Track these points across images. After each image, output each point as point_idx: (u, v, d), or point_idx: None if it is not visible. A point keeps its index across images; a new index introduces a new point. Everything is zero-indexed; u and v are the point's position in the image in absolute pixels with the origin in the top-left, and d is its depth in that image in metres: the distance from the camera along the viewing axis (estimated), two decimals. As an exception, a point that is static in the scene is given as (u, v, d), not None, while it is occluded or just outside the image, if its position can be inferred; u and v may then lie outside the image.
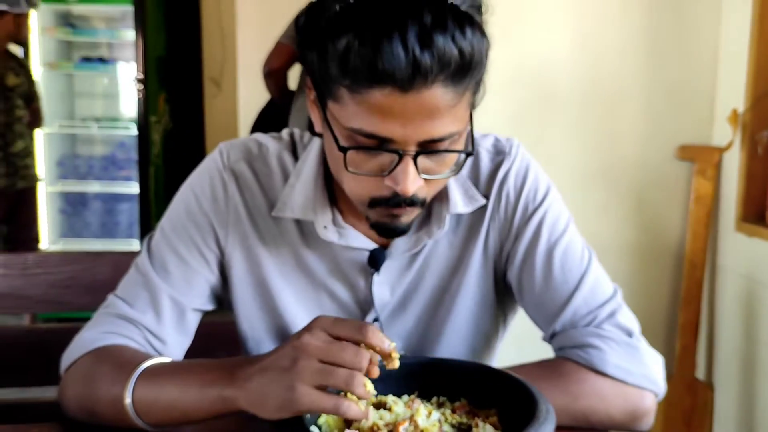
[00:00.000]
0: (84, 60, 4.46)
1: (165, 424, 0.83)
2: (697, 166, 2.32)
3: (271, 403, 0.72)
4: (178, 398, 0.80)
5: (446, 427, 0.78)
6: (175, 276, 0.95)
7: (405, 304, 1.00)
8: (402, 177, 0.79)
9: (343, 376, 0.69)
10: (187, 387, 0.79)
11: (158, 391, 0.81)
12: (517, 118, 2.28)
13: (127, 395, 0.81)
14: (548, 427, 0.71)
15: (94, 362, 0.88)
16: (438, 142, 0.79)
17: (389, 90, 0.74)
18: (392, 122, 0.76)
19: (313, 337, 0.71)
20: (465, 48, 0.74)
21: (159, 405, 0.81)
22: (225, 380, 0.77)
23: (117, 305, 0.94)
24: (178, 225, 0.97)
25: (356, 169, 0.81)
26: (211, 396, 0.77)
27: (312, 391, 0.69)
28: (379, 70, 0.72)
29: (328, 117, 0.81)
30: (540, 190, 0.99)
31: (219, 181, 0.97)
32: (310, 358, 0.70)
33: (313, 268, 0.98)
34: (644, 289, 2.38)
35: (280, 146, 1.00)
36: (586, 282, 0.95)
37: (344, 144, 0.80)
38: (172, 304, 0.94)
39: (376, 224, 0.88)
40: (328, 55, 0.76)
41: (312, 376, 0.70)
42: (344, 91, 0.76)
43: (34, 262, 1.27)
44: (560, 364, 0.92)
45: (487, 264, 1.00)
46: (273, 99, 2.90)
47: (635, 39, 2.32)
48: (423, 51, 0.72)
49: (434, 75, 0.73)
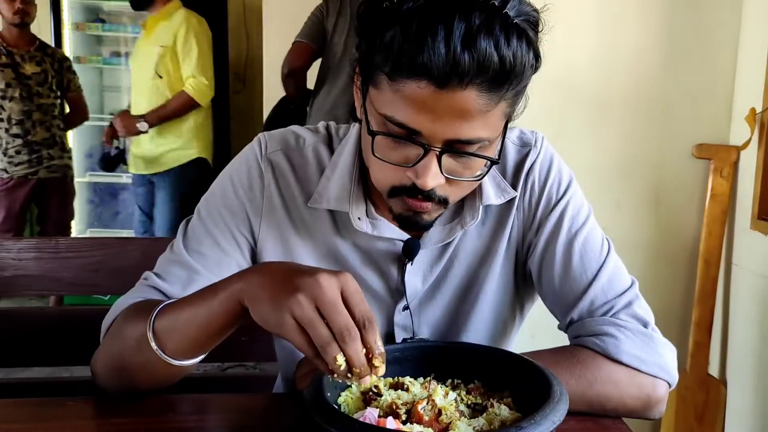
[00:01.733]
0: (113, 55, 4.55)
1: (187, 349, 0.83)
2: (714, 164, 2.32)
3: (261, 308, 0.73)
4: (193, 313, 0.81)
5: (462, 407, 0.80)
6: (208, 257, 0.97)
7: (434, 293, 1.02)
8: (423, 170, 0.80)
9: (324, 336, 0.70)
10: (200, 298, 0.82)
11: (176, 315, 0.83)
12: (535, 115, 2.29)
13: (148, 328, 0.83)
14: (562, 408, 0.71)
15: (123, 318, 0.91)
16: (465, 145, 0.80)
17: (425, 84, 0.75)
18: (423, 116, 0.77)
19: (327, 282, 0.71)
20: (507, 56, 0.74)
21: (177, 327, 0.82)
22: (233, 278, 0.80)
23: (151, 278, 0.97)
24: (214, 210, 0.99)
25: (383, 156, 0.83)
26: (221, 297, 0.79)
27: (294, 325, 0.70)
28: (418, 63, 0.74)
29: (367, 102, 0.84)
30: (563, 182, 1.01)
31: (256, 171, 0.99)
32: (309, 299, 0.70)
33: (346, 257, 1.00)
34: (659, 286, 2.39)
35: (316, 138, 1.02)
36: (605, 272, 0.97)
37: (375, 129, 0.82)
38: (204, 284, 0.94)
39: (398, 216, 0.90)
40: (376, 42, 0.78)
41: (301, 315, 0.70)
42: (384, 78, 0.78)
43: (65, 245, 1.30)
44: (576, 351, 0.93)
45: (510, 253, 1.02)
46: (288, 98, 2.91)
47: (654, 38, 2.32)
48: (464, 51, 0.72)
49: (471, 77, 0.74)
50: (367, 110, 0.84)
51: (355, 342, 0.70)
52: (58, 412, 0.89)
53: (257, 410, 0.93)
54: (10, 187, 3.55)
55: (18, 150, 3.51)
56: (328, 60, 2.75)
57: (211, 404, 0.90)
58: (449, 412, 0.76)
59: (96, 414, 0.90)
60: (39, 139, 3.53)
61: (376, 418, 0.74)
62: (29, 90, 3.50)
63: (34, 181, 3.57)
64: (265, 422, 0.88)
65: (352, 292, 0.72)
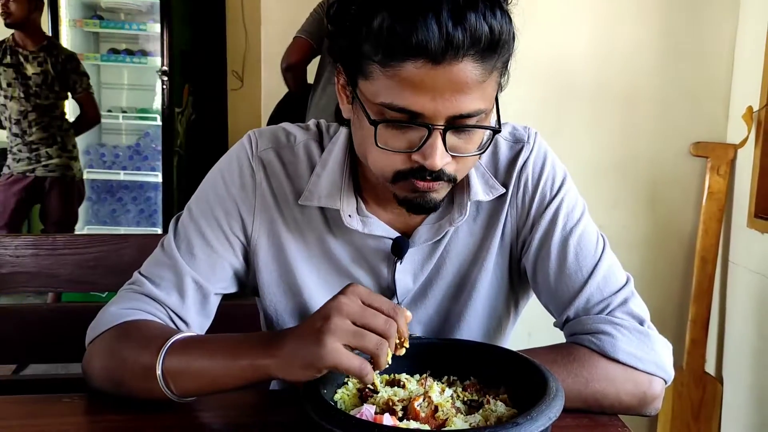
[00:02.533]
0: (111, 52, 4.54)
1: (193, 394, 0.85)
2: (711, 162, 2.33)
3: (299, 362, 0.75)
4: (208, 366, 0.82)
5: (458, 404, 0.80)
6: (200, 259, 0.96)
7: (426, 292, 1.02)
8: (430, 151, 0.81)
9: (374, 340, 0.73)
10: (219, 356, 0.82)
11: (189, 361, 0.83)
12: (532, 112, 2.30)
13: (158, 365, 0.83)
14: (558, 404, 0.72)
15: (121, 335, 0.90)
16: (466, 118, 0.81)
17: (422, 63, 0.76)
18: (423, 96, 0.78)
19: (348, 300, 0.74)
20: (494, 26, 0.77)
21: (189, 373, 0.83)
22: (258, 348, 0.80)
23: (142, 283, 0.95)
24: (206, 209, 0.98)
25: (386, 146, 0.83)
26: (243, 364, 0.80)
27: (341, 347, 0.72)
28: (413, 44, 0.75)
29: (359, 95, 0.83)
30: (557, 179, 1.01)
31: (247, 169, 0.99)
32: (344, 317, 0.73)
33: (337, 255, 0.99)
34: (656, 284, 2.39)
35: (307, 136, 1.02)
36: (600, 270, 0.97)
37: (375, 119, 0.82)
38: (197, 288, 0.95)
39: (404, 201, 0.89)
40: (362, 34, 0.79)
41: (343, 335, 0.73)
42: (376, 68, 0.79)
43: (62, 242, 1.30)
44: (573, 349, 0.93)
45: (504, 250, 1.02)
46: (290, 92, 2.93)
47: (652, 36, 2.32)
48: (456, 27, 0.75)
49: (465, 50, 0.76)
50: (362, 104, 0.83)
51: (394, 332, 0.75)
52: (53, 409, 0.89)
53: (254, 407, 0.92)
54: (8, 183, 3.58)
55: (19, 148, 3.56)
56: (325, 57, 2.76)
57: (207, 401, 0.89)
58: (446, 409, 0.76)
59: (92, 411, 0.90)
60: (36, 139, 3.55)
61: (373, 415, 0.74)
62: (28, 90, 3.51)
63: (32, 179, 3.59)
64: (262, 419, 0.88)
65: (367, 296, 0.76)
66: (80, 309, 1.33)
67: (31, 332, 1.30)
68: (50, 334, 1.32)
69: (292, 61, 2.77)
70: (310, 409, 0.71)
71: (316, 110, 2.71)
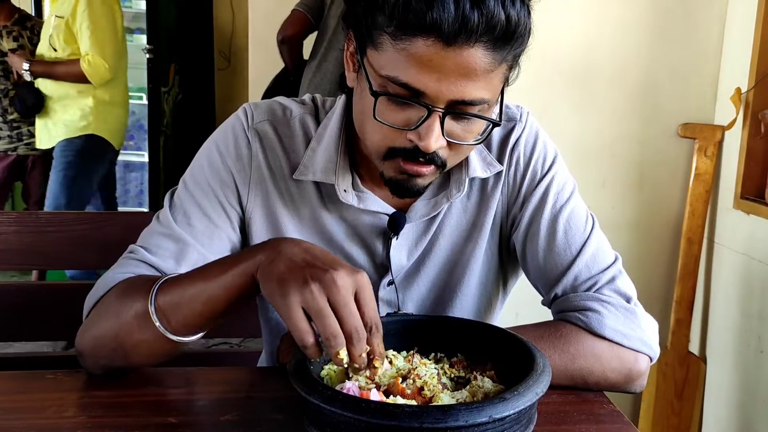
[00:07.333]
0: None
1: (190, 325, 0.83)
2: (699, 144, 2.33)
3: (272, 286, 0.74)
4: (203, 288, 0.81)
5: (445, 380, 0.80)
6: (197, 230, 0.95)
7: (420, 268, 1.02)
8: (426, 132, 0.80)
9: (332, 329, 0.70)
10: (212, 273, 0.81)
11: (180, 291, 0.82)
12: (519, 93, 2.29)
13: (150, 304, 0.82)
14: (545, 380, 0.72)
15: (116, 295, 0.89)
16: (468, 106, 0.80)
17: (432, 41, 0.75)
18: (428, 75, 0.77)
19: (343, 282, 0.72)
20: (512, 16, 0.76)
21: (183, 302, 0.82)
22: (252, 251, 0.80)
23: (139, 252, 0.94)
24: (202, 180, 0.97)
25: (383, 119, 0.82)
26: (237, 271, 0.79)
27: (302, 318, 0.71)
28: (427, 21, 0.74)
29: (365, 65, 0.82)
30: (548, 157, 1.01)
31: (243, 140, 0.98)
32: (324, 292, 0.71)
33: (332, 230, 0.99)
34: (642, 264, 2.40)
35: (303, 110, 1.01)
36: (588, 248, 0.97)
37: (377, 90, 0.81)
38: (195, 257, 0.94)
39: (390, 180, 0.89)
40: (378, 3, 0.77)
41: (312, 305, 0.71)
42: (386, 39, 0.78)
43: (46, 219, 1.28)
44: (560, 325, 0.93)
45: (495, 228, 1.02)
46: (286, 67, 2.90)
47: (640, 16, 2.31)
48: (473, 8, 0.74)
49: (478, 35, 0.75)
50: (367, 73, 0.82)
51: (362, 343, 0.72)
52: (38, 385, 0.89)
53: (242, 383, 0.93)
54: None
55: (0, 127, 3.50)
56: (323, 34, 2.73)
57: (196, 377, 0.89)
58: (432, 386, 0.76)
59: (77, 386, 0.89)
60: (17, 117, 3.48)
61: (359, 391, 0.74)
62: (6, 67, 3.44)
63: (14, 157, 3.56)
64: (250, 394, 0.88)
65: (365, 295, 0.73)
66: (65, 287, 1.32)
67: (15, 310, 1.29)
68: (35, 313, 1.30)
69: (288, 34, 2.73)
70: (297, 385, 0.71)
71: (311, 87, 2.69)
